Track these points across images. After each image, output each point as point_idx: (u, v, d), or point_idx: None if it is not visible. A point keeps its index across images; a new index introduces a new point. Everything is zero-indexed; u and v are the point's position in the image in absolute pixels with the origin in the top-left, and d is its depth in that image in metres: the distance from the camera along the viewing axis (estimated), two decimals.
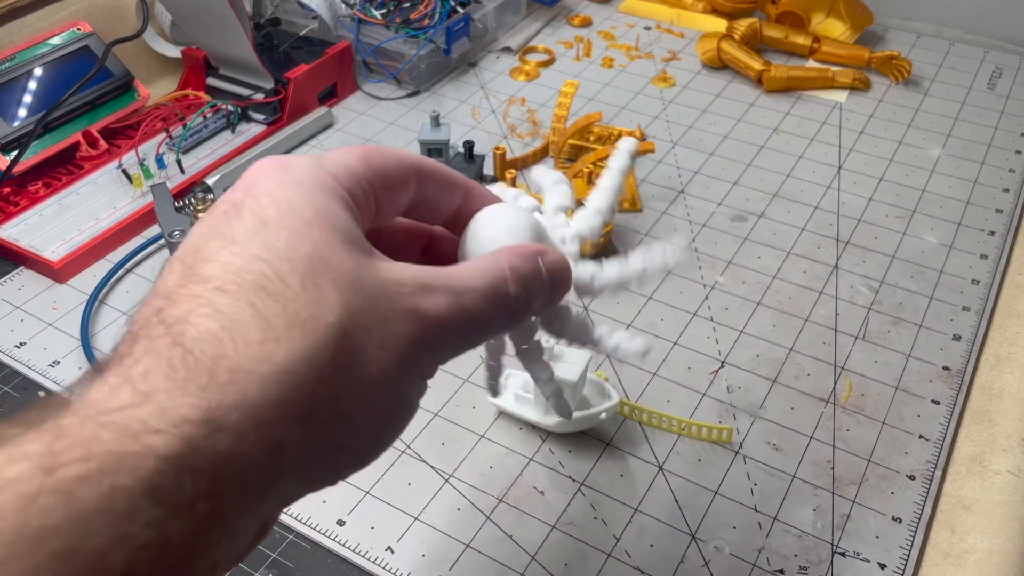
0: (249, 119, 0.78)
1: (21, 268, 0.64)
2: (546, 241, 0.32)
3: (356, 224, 0.26)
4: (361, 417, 0.24)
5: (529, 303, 0.28)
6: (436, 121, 0.72)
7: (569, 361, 0.49)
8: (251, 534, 0.22)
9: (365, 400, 0.24)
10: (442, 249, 0.33)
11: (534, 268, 0.28)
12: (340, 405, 0.23)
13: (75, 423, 0.19)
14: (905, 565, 0.45)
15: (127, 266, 0.64)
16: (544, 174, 0.36)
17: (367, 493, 0.49)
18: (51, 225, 0.66)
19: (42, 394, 0.54)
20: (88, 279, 0.63)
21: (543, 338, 0.34)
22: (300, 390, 0.22)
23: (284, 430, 0.21)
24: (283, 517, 0.47)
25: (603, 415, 0.50)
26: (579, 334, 0.33)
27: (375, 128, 0.80)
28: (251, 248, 0.23)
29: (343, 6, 0.84)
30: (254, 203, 0.24)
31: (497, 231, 0.30)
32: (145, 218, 0.67)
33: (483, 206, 0.32)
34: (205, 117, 0.75)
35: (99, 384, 0.21)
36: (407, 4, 0.84)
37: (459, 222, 0.31)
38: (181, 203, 0.67)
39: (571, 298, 0.32)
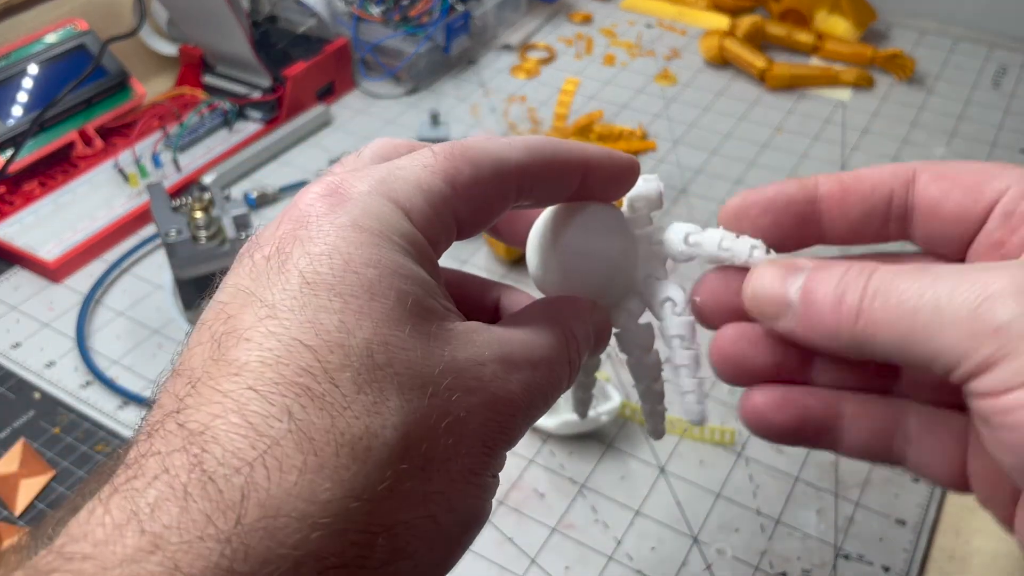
0: (246, 117, 0.77)
1: (16, 268, 0.64)
2: (638, 246, 0.28)
3: (429, 276, 0.21)
4: (425, 547, 0.19)
5: (579, 367, 0.25)
6: (435, 119, 0.71)
7: None
8: None
9: (430, 526, 0.19)
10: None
11: (587, 330, 0.25)
12: (398, 541, 0.18)
13: None
14: (909, 568, 0.45)
15: (123, 266, 0.63)
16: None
17: None
18: (46, 224, 0.65)
19: (35, 395, 0.54)
20: (84, 279, 0.62)
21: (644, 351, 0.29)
22: (348, 534, 0.17)
23: None
24: None
25: (604, 417, 0.50)
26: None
27: (373, 126, 0.79)
28: (295, 328, 0.18)
29: (341, 3, 0.84)
30: (302, 254, 0.19)
31: (591, 242, 0.26)
32: (142, 217, 0.66)
33: (603, 191, 0.26)
34: (202, 115, 0.74)
35: (99, 510, 0.17)
36: (406, 1, 0.83)
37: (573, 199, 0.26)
38: (178, 202, 0.66)
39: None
